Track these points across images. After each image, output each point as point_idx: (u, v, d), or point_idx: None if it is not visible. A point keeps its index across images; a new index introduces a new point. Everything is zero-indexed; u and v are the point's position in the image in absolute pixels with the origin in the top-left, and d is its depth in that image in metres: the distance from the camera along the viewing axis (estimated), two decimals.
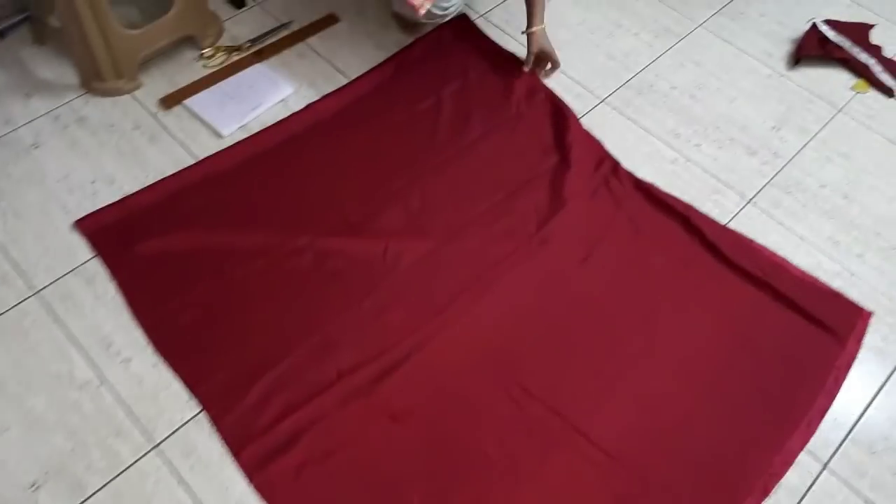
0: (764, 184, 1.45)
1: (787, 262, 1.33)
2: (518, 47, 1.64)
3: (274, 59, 1.59)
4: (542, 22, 1.53)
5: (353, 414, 1.10)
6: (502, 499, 1.05)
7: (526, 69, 1.57)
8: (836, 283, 1.31)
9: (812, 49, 1.69)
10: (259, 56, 1.59)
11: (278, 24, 1.65)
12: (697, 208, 1.39)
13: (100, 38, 1.39)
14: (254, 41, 1.62)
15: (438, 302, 1.23)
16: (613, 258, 1.31)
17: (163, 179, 1.36)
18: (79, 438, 1.06)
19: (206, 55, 1.58)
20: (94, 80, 1.48)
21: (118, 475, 1.03)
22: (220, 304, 1.20)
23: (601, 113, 1.56)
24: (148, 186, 1.34)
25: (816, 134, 1.55)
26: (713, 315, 1.25)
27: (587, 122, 1.53)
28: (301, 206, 1.34)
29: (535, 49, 1.54)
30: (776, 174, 1.48)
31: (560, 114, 1.53)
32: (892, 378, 1.21)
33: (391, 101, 1.53)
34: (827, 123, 1.57)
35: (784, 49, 1.72)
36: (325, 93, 1.53)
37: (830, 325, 1.24)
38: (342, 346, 1.16)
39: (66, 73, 1.52)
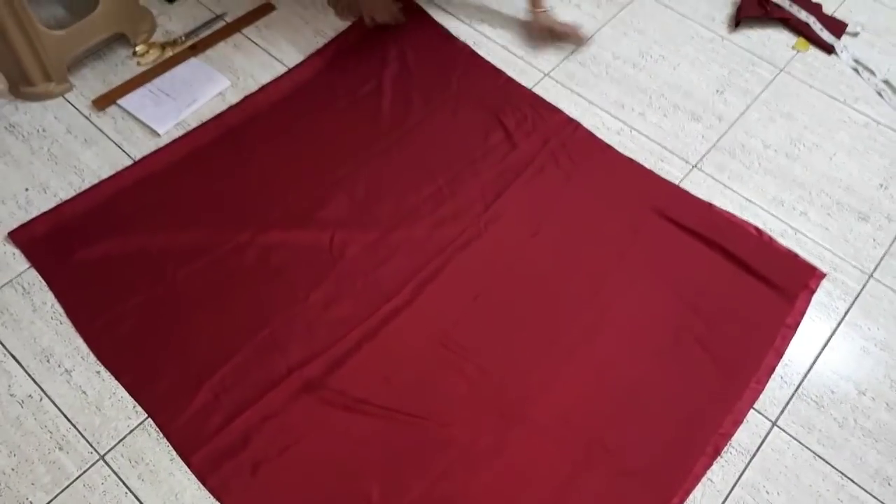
0: (708, 148, 1.46)
1: (740, 219, 1.34)
2: (459, 25, 1.62)
3: (210, 53, 1.56)
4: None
5: (305, 408, 1.09)
6: (462, 480, 1.05)
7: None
8: (783, 243, 1.32)
9: (752, 10, 1.69)
10: (194, 50, 1.55)
11: (213, 17, 1.61)
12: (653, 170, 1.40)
13: (24, 40, 1.35)
14: (188, 35, 1.58)
15: (387, 290, 1.21)
16: (563, 231, 1.31)
17: (98, 184, 1.32)
18: (22, 455, 1.04)
19: (138, 52, 1.54)
20: (23, 85, 1.44)
21: (64, 489, 1.01)
22: (162, 307, 1.17)
23: (545, 88, 1.54)
24: (83, 192, 1.31)
25: (759, 95, 1.56)
26: (665, 280, 1.26)
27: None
28: (242, 201, 1.31)
29: (538, 30, 1.61)
30: (720, 138, 1.48)
31: (506, 87, 1.51)
32: (836, 333, 1.23)
33: (331, 87, 1.50)
34: (769, 84, 1.58)
35: (725, 12, 1.72)
36: (264, 83, 1.50)
37: (782, 284, 1.25)
38: (291, 342, 1.15)
39: None
